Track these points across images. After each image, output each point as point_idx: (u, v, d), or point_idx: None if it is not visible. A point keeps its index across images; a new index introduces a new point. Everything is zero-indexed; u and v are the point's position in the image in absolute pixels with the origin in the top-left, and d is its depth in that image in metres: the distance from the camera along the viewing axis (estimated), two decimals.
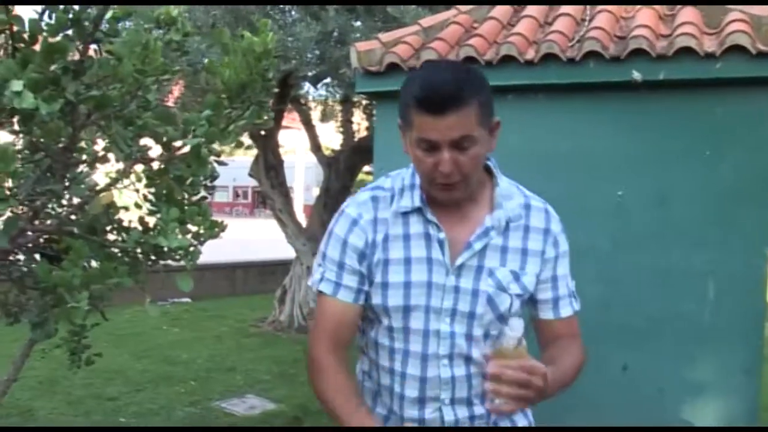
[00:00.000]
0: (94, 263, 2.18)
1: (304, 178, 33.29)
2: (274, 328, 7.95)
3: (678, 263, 3.85)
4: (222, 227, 2.16)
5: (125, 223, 2.37)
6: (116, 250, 2.33)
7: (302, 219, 9.05)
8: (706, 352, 3.88)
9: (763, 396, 4.01)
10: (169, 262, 2.25)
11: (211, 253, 2.14)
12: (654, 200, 3.89)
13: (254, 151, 8.53)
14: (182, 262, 2.23)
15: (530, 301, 1.61)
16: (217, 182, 2.55)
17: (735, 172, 3.72)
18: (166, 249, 2.19)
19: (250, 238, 16.08)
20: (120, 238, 2.38)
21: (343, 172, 8.33)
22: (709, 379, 3.88)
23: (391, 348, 1.57)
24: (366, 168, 9.94)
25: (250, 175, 8.29)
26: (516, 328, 1.36)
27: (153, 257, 2.26)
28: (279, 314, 8.14)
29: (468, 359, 1.54)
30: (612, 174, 3.88)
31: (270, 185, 8.07)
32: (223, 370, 6.06)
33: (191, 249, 2.05)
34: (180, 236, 2.06)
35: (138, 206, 2.34)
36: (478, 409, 1.56)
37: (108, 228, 2.41)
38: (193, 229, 2.18)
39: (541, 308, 1.60)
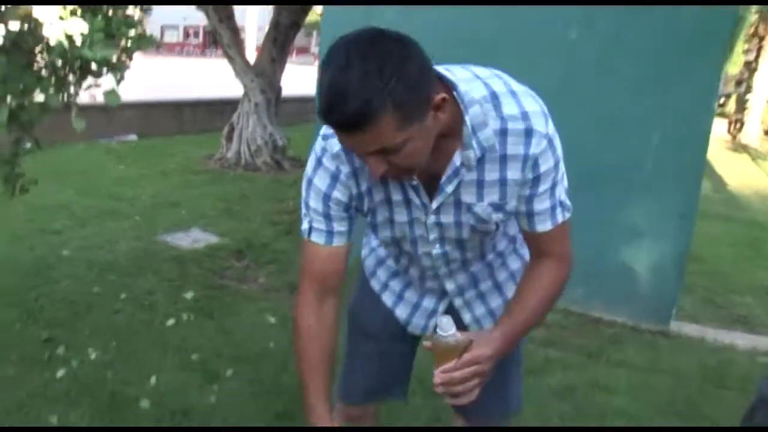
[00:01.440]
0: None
1: (256, 18, 32.04)
2: (221, 166, 7.87)
3: (625, 111, 3.84)
4: (154, 41, 2.04)
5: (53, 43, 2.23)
6: (43, 71, 2.21)
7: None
8: (646, 199, 3.96)
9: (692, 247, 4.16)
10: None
11: (160, 91, 2.02)
12: (607, 45, 3.82)
13: None
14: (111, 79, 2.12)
15: None
16: (167, 22, 2.40)
17: (694, 22, 3.65)
18: (93, 65, 2.07)
19: (200, 78, 15.57)
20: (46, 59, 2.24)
21: (295, 8, 7.97)
22: (646, 223, 3.99)
23: (393, 255, 1.71)
24: (318, 9, 9.53)
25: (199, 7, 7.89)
26: (446, 328, 1.33)
27: (79, 74, 2.14)
28: (226, 151, 8.04)
29: (464, 262, 1.63)
30: (565, 16, 3.77)
31: (218, 20, 7.71)
32: (168, 205, 6.02)
33: (117, 62, 1.93)
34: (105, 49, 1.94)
35: (62, 18, 2.18)
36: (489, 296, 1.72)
37: (37, 50, 2.27)
38: (122, 43, 2.06)
39: (520, 220, 1.51)
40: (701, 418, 3.15)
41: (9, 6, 2.11)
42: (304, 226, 1.51)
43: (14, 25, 2.26)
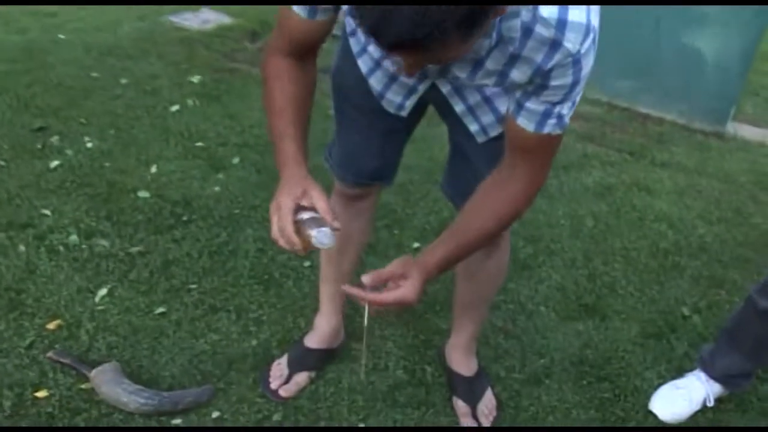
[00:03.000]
0: None
1: None
2: None
3: None
4: None
5: None
6: None
7: None
8: None
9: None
10: None
11: None
12: None
13: None
14: None
15: None
16: None
17: None
18: None
19: None
20: None
21: None
22: (712, 9, 3.40)
23: None
24: None
25: None
26: (323, 240, 1.17)
27: None
28: None
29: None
30: None
31: None
32: None
33: None
34: None
35: None
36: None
37: None
38: None
39: (508, 100, 1.27)
40: (750, 227, 2.86)
41: None
42: None
43: None
